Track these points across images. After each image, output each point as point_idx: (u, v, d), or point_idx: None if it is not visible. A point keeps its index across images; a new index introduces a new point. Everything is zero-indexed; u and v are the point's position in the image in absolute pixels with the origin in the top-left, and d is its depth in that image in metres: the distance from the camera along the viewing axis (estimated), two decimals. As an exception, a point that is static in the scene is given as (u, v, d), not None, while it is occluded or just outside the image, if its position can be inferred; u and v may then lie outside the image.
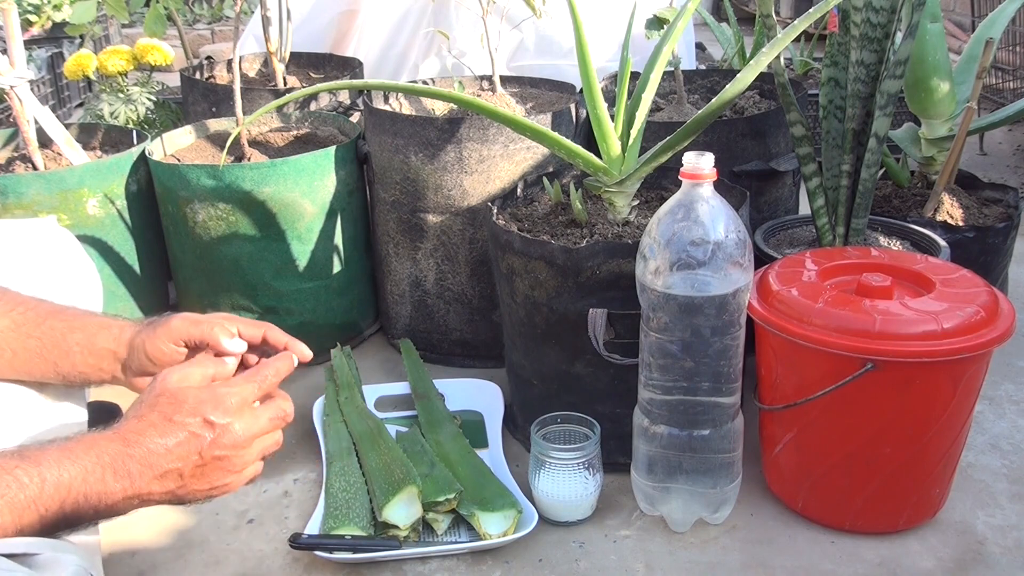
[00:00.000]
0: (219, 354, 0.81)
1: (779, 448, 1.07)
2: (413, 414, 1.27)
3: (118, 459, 0.67)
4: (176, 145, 1.55)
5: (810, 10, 1.05)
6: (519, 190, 1.31)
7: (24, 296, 0.82)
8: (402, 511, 1.03)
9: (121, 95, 1.91)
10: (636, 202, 1.21)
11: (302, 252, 1.41)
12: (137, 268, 1.46)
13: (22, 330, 0.80)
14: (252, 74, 1.90)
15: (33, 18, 1.68)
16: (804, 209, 1.44)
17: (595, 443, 1.07)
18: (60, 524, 0.65)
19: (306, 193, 1.39)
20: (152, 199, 1.47)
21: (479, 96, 1.53)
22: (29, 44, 2.53)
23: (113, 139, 1.60)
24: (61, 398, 0.85)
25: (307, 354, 0.85)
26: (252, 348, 0.85)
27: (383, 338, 1.58)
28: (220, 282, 1.42)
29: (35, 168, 1.42)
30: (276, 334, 0.85)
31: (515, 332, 1.20)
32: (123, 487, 0.67)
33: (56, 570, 0.60)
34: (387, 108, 1.50)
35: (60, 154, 1.47)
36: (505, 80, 1.59)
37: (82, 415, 0.88)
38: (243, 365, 0.84)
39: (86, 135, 1.59)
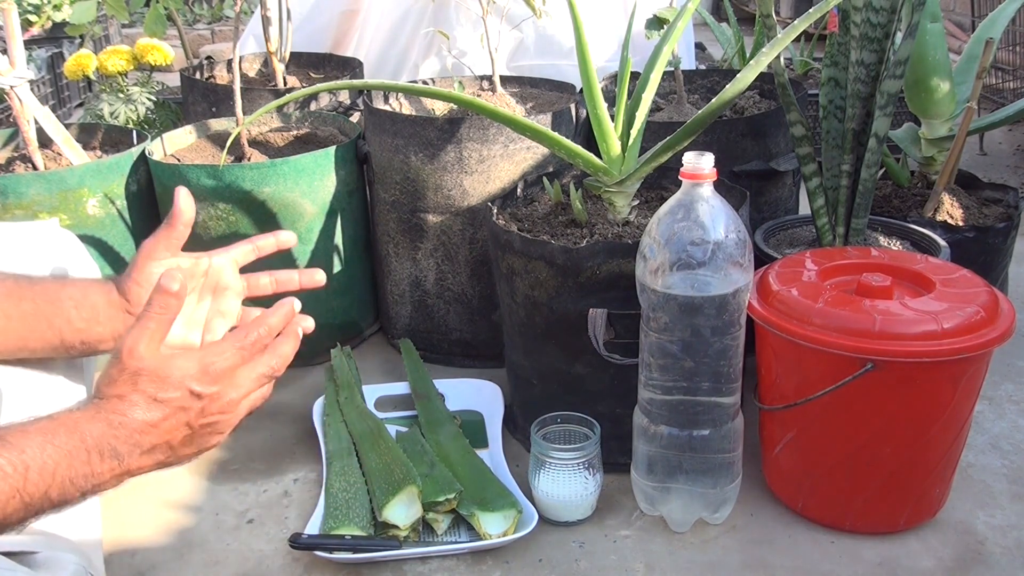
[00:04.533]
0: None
1: (779, 448, 1.07)
2: (413, 414, 1.27)
3: (103, 440, 0.66)
4: (176, 145, 1.55)
5: (810, 10, 1.05)
6: (519, 190, 1.31)
7: (13, 272, 0.83)
8: (402, 511, 1.03)
9: (121, 95, 1.91)
10: (636, 202, 1.21)
11: (302, 252, 1.41)
12: (137, 268, 1.46)
13: (15, 294, 0.79)
14: (252, 74, 1.90)
15: (33, 18, 1.68)
16: (804, 209, 1.44)
17: (595, 443, 1.07)
18: (47, 508, 0.64)
19: (306, 193, 1.39)
20: (152, 199, 1.47)
21: (479, 96, 1.53)
22: (29, 44, 2.53)
23: (113, 139, 1.60)
24: (65, 390, 0.85)
25: (320, 279, 0.87)
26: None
27: (383, 338, 1.58)
28: (220, 282, 1.42)
29: (35, 168, 1.42)
30: (286, 274, 0.87)
31: (515, 332, 1.20)
32: (111, 467, 0.66)
33: (55, 569, 0.59)
34: (387, 108, 1.50)
35: (60, 154, 1.46)
36: (505, 80, 1.59)
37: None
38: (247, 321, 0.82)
39: (86, 135, 1.59)
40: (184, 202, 0.81)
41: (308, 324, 0.77)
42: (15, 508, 0.62)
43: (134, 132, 1.57)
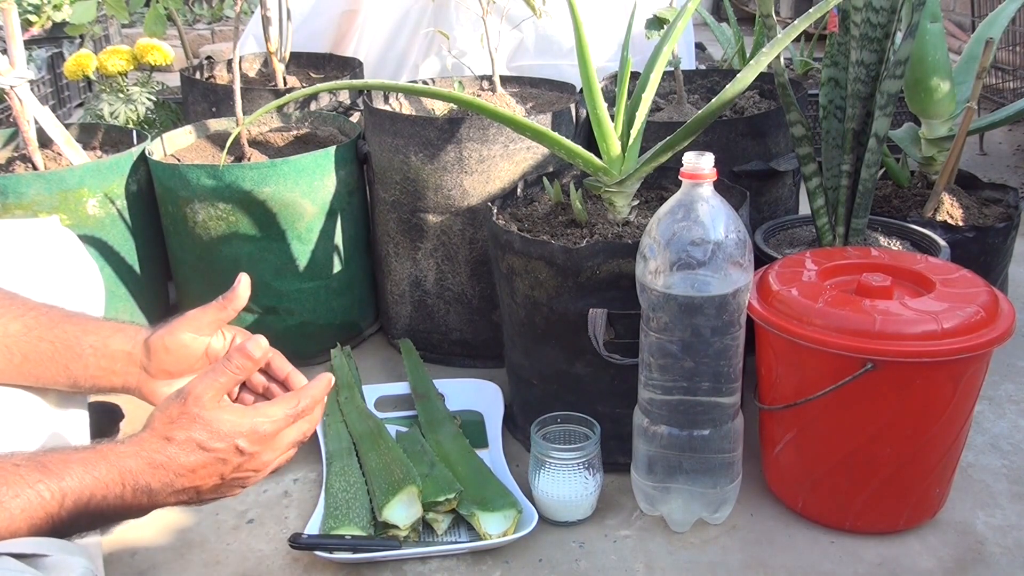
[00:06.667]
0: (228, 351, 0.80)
1: (779, 448, 1.07)
2: (413, 414, 1.28)
3: (141, 478, 0.68)
4: (176, 145, 1.55)
5: (810, 10, 1.05)
6: (519, 190, 1.31)
7: (36, 302, 0.82)
8: (402, 511, 1.03)
9: (121, 95, 1.91)
10: (636, 202, 1.21)
11: (302, 252, 1.41)
12: (137, 268, 1.46)
13: (33, 333, 0.79)
14: (252, 74, 1.90)
15: (33, 18, 1.67)
16: (804, 209, 1.44)
17: (595, 443, 1.07)
18: (71, 533, 0.66)
19: (306, 193, 1.39)
20: (152, 199, 1.47)
21: (479, 96, 1.53)
22: (29, 44, 2.52)
23: (113, 139, 1.60)
24: (63, 402, 0.85)
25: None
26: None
27: (383, 338, 1.58)
28: (220, 282, 1.41)
29: (35, 168, 1.42)
30: (281, 362, 0.84)
31: (515, 332, 1.20)
32: (140, 502, 0.68)
33: (65, 573, 0.60)
34: (387, 108, 1.50)
35: (60, 154, 1.47)
36: (505, 80, 1.59)
37: (84, 418, 0.87)
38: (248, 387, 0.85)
39: (86, 135, 1.59)
40: (243, 289, 0.82)
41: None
42: (45, 532, 0.63)
43: (134, 132, 1.57)
